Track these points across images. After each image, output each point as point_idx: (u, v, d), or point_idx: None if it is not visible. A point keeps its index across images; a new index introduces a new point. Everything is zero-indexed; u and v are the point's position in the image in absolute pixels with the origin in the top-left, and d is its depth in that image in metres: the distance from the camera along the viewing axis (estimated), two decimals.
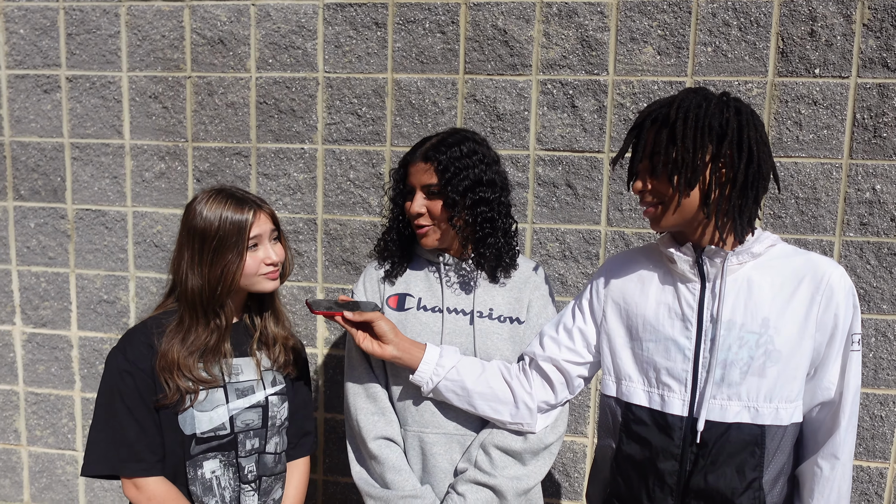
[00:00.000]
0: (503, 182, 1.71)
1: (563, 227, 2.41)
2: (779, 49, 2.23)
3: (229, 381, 1.62)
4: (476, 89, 2.40)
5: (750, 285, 1.41)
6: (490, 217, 1.65)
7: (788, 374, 1.38)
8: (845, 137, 2.23)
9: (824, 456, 1.41)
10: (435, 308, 1.71)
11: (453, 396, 1.61)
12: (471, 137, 1.68)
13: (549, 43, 2.34)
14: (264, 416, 1.66)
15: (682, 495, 1.44)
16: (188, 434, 1.55)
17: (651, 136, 1.38)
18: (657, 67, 2.29)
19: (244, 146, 2.55)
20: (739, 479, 1.39)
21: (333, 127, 2.49)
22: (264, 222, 1.61)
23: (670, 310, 1.45)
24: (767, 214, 2.29)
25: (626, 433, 1.50)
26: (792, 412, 1.40)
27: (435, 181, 1.62)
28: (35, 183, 2.70)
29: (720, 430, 1.40)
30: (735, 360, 1.39)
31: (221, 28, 2.51)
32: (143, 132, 2.61)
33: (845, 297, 1.38)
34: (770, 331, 1.38)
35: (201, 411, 1.56)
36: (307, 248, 2.56)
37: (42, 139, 2.67)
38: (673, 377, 1.44)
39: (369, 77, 2.45)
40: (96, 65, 2.60)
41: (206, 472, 1.58)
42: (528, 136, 2.39)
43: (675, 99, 1.38)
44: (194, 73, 2.55)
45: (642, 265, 1.55)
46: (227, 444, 1.60)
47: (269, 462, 1.68)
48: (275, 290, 1.67)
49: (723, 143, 1.33)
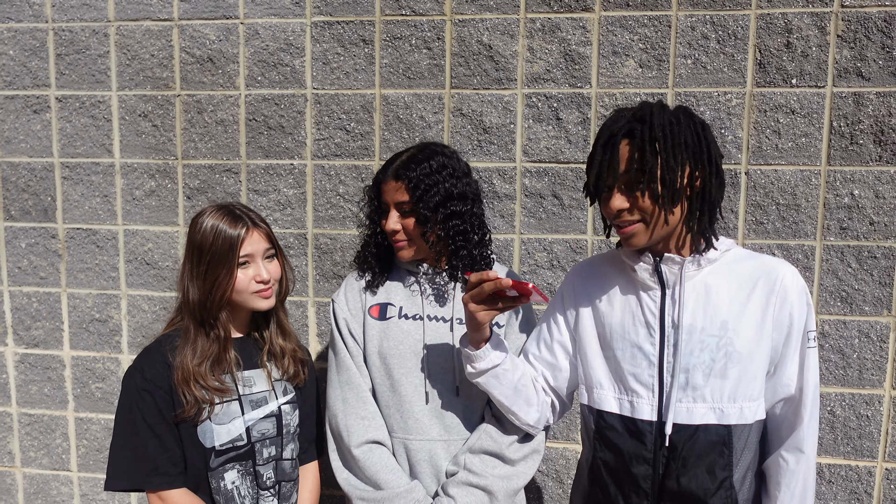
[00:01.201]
0: (475, 193, 1.74)
1: (551, 237, 2.45)
2: (756, 60, 2.29)
3: (243, 394, 1.67)
4: (462, 103, 2.44)
5: (708, 290, 1.45)
6: (462, 230, 1.69)
7: (749, 374, 1.43)
8: (823, 145, 2.29)
9: (789, 449, 1.46)
10: (416, 316, 1.74)
11: (496, 384, 1.58)
12: (440, 151, 1.71)
13: (533, 57, 2.39)
14: (279, 425, 1.72)
15: (657, 499, 1.47)
16: (208, 447, 1.60)
17: (628, 152, 1.39)
18: (639, 80, 2.35)
19: (234, 163, 2.58)
20: (711, 479, 1.43)
21: (322, 142, 2.53)
22: (257, 241, 1.64)
23: (634, 317, 1.49)
24: (750, 221, 2.34)
25: (600, 440, 1.54)
26: (755, 410, 1.44)
27: (407, 199, 1.66)
28: (25, 203, 2.71)
29: (689, 432, 1.43)
30: (697, 364, 1.43)
31: (210, 47, 2.54)
32: (133, 150, 2.63)
33: (799, 296, 1.43)
34: (729, 333, 1.42)
35: (219, 424, 1.62)
36: (297, 263, 2.58)
37: (32, 159, 2.68)
38: (640, 383, 1.48)
39: (357, 93, 2.49)
40: (86, 84, 2.62)
41: (227, 483, 1.63)
42: (515, 148, 2.43)
43: (648, 114, 1.39)
44: (184, 92, 2.57)
45: (606, 274, 1.58)
46: (245, 453, 1.65)
47: (287, 468, 1.74)
48: (270, 308, 1.71)
49: (698, 160, 1.38)
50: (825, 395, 2.38)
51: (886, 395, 2.35)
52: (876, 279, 2.31)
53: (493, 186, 2.45)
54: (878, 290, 2.31)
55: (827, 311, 2.35)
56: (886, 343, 2.33)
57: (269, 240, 1.68)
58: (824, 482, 2.41)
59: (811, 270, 2.34)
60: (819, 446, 2.39)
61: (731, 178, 2.33)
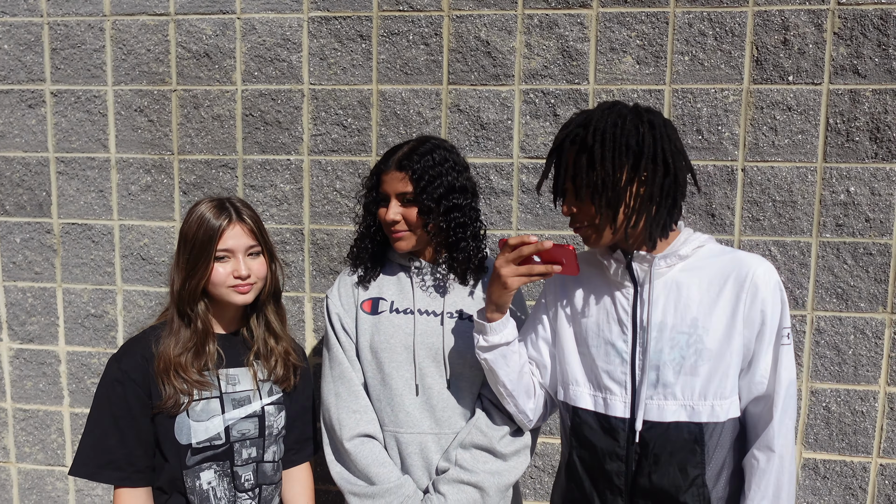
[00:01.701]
0: (473, 188, 1.77)
1: (548, 234, 2.45)
2: (753, 57, 2.30)
3: (226, 392, 1.64)
4: (460, 99, 2.44)
5: (679, 287, 1.44)
6: (463, 222, 1.71)
7: (720, 372, 1.42)
8: (819, 142, 2.30)
9: (760, 448, 1.44)
10: (407, 310, 1.76)
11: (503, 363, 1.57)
12: (441, 145, 1.73)
13: (530, 53, 2.39)
14: (261, 426, 1.67)
15: (630, 496, 1.47)
16: (184, 444, 1.57)
17: (571, 159, 1.41)
18: (636, 76, 2.35)
19: (230, 158, 2.57)
20: (682, 476, 1.43)
21: (319, 138, 2.52)
22: (239, 235, 1.62)
23: (609, 314, 1.50)
24: (746, 217, 2.35)
25: (575, 437, 1.54)
26: (727, 408, 1.43)
27: (410, 189, 1.66)
28: (20, 198, 2.69)
29: (660, 429, 1.44)
30: (668, 361, 1.43)
31: (207, 42, 2.53)
32: (129, 146, 2.62)
33: (771, 292, 1.41)
34: (699, 330, 1.42)
35: (196, 421, 1.58)
36: (294, 259, 2.58)
37: (27, 154, 2.67)
38: (613, 380, 1.48)
39: (354, 88, 2.48)
40: (81, 79, 2.61)
41: (202, 483, 1.60)
42: (512, 144, 2.43)
43: (590, 119, 1.40)
44: (180, 87, 2.56)
45: (585, 271, 1.59)
46: (223, 453, 1.61)
47: (268, 470, 1.69)
48: (244, 304, 1.67)
49: (640, 160, 1.37)
50: (821, 391, 2.39)
51: (881, 391, 2.36)
52: (871, 276, 2.32)
53: (491, 182, 2.45)
54: (874, 286, 2.32)
55: (822, 308, 2.36)
56: (882, 339, 2.34)
57: (254, 236, 1.65)
58: (819, 478, 2.42)
59: (807, 267, 2.34)
60: (814, 442, 2.41)
61: (728, 174, 2.34)
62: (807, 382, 2.39)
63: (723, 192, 2.35)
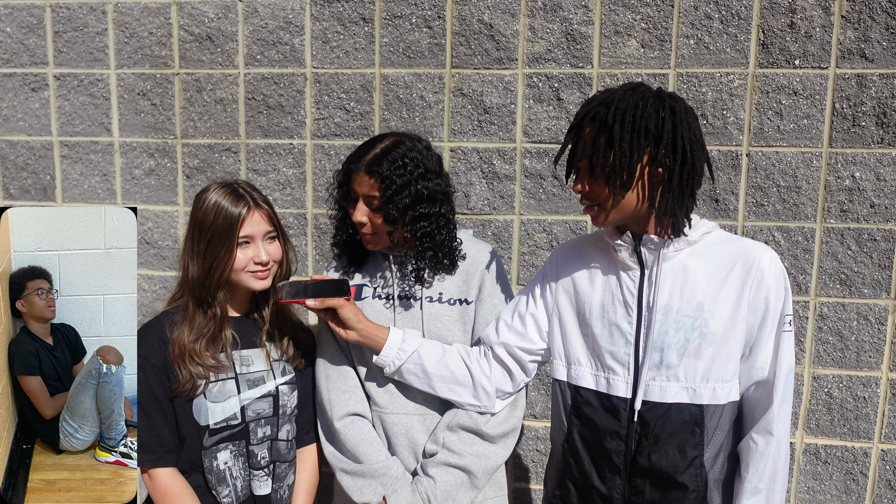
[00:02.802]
0: (444, 193, 1.74)
1: (551, 218, 2.45)
2: (760, 41, 2.27)
3: (240, 373, 1.67)
4: (463, 83, 2.42)
5: (686, 271, 1.46)
6: (429, 232, 1.70)
7: (723, 356, 1.45)
8: (825, 126, 2.28)
9: (759, 431, 1.47)
10: (388, 296, 1.78)
11: (414, 378, 1.67)
12: (414, 147, 1.70)
13: (534, 37, 2.37)
14: (275, 405, 1.71)
15: (628, 474, 1.50)
16: (202, 425, 1.61)
17: (590, 138, 1.41)
18: (641, 60, 2.33)
19: (233, 142, 2.57)
20: (681, 457, 1.46)
21: (322, 122, 2.52)
22: (258, 222, 1.63)
23: (614, 296, 1.52)
24: (750, 203, 2.34)
25: (576, 415, 1.56)
26: (728, 391, 1.46)
27: (377, 195, 1.66)
28: (25, 182, 2.70)
29: (661, 410, 1.46)
30: (672, 343, 1.45)
31: (209, 25, 2.52)
32: (132, 129, 2.62)
33: (776, 280, 1.44)
34: (704, 314, 1.44)
35: (214, 402, 1.62)
36: (297, 243, 2.59)
37: (31, 138, 2.68)
38: (617, 361, 1.50)
39: (357, 72, 2.47)
40: (84, 62, 2.61)
41: (219, 464, 1.64)
42: (515, 128, 2.42)
43: (612, 98, 1.40)
44: (182, 70, 2.56)
45: (590, 253, 1.60)
46: (238, 433, 1.65)
47: (282, 448, 1.73)
48: (264, 288, 1.69)
49: (659, 145, 1.37)
50: (823, 376, 2.39)
51: (884, 377, 2.36)
52: (875, 262, 2.31)
53: (493, 167, 2.44)
54: (878, 272, 2.32)
55: (826, 294, 2.35)
56: (885, 325, 2.34)
57: (271, 221, 1.67)
58: (820, 463, 2.43)
59: (811, 253, 2.34)
60: (816, 427, 2.41)
61: (732, 159, 2.33)
62: (809, 368, 2.39)
63: (727, 177, 2.34)
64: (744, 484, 1.48)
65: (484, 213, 2.48)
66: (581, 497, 1.57)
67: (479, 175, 2.45)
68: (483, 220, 2.48)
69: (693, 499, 1.47)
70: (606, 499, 1.52)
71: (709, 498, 1.49)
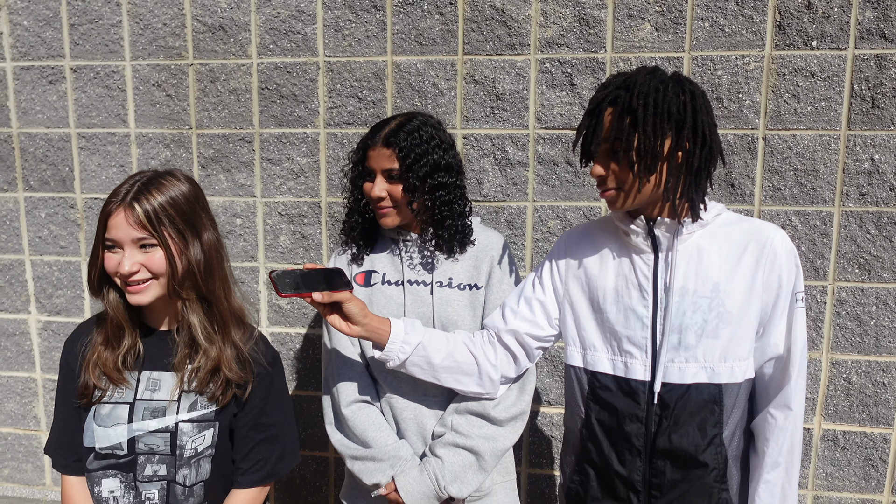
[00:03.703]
0: (458, 166, 1.77)
1: (564, 205, 2.44)
2: (776, 22, 2.24)
3: (141, 398, 1.45)
4: (475, 69, 2.41)
5: (700, 253, 1.48)
6: (447, 200, 1.72)
7: (740, 334, 1.46)
8: (843, 109, 2.24)
9: (777, 406, 1.50)
10: (398, 282, 1.79)
11: (418, 370, 1.66)
12: (428, 122, 1.74)
13: (546, 22, 2.35)
14: (172, 444, 1.45)
15: (649, 456, 1.51)
16: (87, 447, 1.45)
17: (610, 121, 1.41)
18: (655, 44, 2.30)
19: (247, 132, 2.58)
20: (701, 436, 1.47)
21: (335, 111, 2.52)
22: (123, 226, 1.35)
23: (627, 280, 1.52)
24: (766, 187, 2.31)
25: (594, 400, 1.57)
26: (745, 369, 1.48)
27: (396, 166, 1.68)
28: (44, 173, 2.74)
29: (680, 391, 1.47)
30: (690, 325, 1.46)
31: (222, 15, 2.53)
32: (148, 120, 2.64)
33: (787, 258, 1.46)
34: (721, 295, 1.46)
35: (100, 426, 1.43)
36: (312, 231, 2.60)
37: (49, 130, 2.71)
38: (634, 344, 1.51)
39: (369, 60, 2.47)
40: (100, 54, 2.63)
41: (103, 491, 1.46)
42: (528, 114, 2.41)
43: (633, 82, 1.40)
44: (196, 61, 2.57)
45: (599, 238, 1.61)
46: (126, 464, 1.45)
47: (178, 494, 1.47)
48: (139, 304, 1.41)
49: (682, 130, 1.39)
50: (841, 362, 2.36)
51: None
52: (895, 246, 2.28)
53: (506, 153, 2.43)
54: None
55: (844, 278, 2.32)
56: None
57: (145, 227, 1.35)
58: (839, 449, 2.41)
59: (829, 237, 2.31)
60: (834, 413, 2.39)
61: (748, 143, 2.30)
62: (827, 353, 2.37)
63: (743, 161, 2.31)
64: (764, 459, 1.51)
65: (497, 200, 2.47)
66: (601, 481, 1.58)
67: (492, 162, 2.45)
68: (496, 207, 2.47)
69: (714, 476, 1.49)
70: (627, 481, 1.53)
71: (728, 474, 1.51)
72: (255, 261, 2.66)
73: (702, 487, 1.49)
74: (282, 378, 1.59)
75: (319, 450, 2.75)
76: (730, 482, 1.51)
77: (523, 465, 2.61)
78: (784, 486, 1.51)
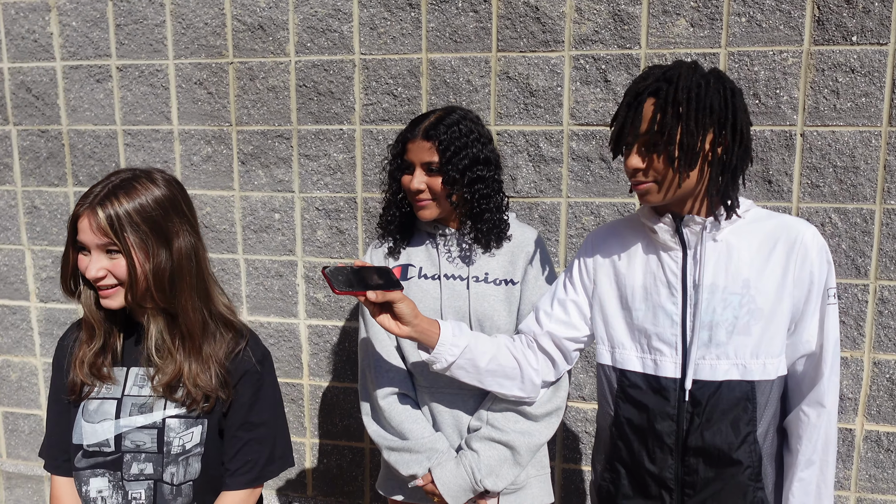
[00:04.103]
0: (497, 161, 1.78)
1: (598, 201, 2.43)
2: (815, 17, 2.20)
3: (129, 393, 1.43)
4: (509, 66, 2.42)
5: (729, 249, 1.47)
6: (486, 194, 1.73)
7: (771, 331, 1.45)
8: (884, 105, 2.19)
9: (810, 403, 1.49)
10: (434, 276, 1.80)
11: (463, 373, 1.63)
12: (467, 116, 1.75)
13: (581, 18, 2.35)
14: (160, 440, 1.41)
15: (681, 454, 1.50)
16: (75, 444, 1.43)
17: (651, 113, 1.39)
18: (690, 40, 2.28)
19: (285, 128, 2.64)
20: (735, 433, 1.46)
21: (370, 107, 2.56)
22: (88, 230, 1.32)
23: (656, 278, 1.51)
24: (805, 184, 2.27)
25: (623, 398, 1.57)
26: (778, 366, 1.47)
27: (436, 159, 1.69)
28: (92, 169, 2.84)
29: (712, 388, 1.46)
30: (721, 321, 1.45)
31: (261, 14, 2.58)
32: (190, 118, 2.71)
33: (818, 254, 1.45)
34: (751, 291, 1.44)
35: (88, 422, 1.41)
36: (348, 227, 2.64)
37: (97, 127, 2.80)
38: (663, 342, 1.50)
39: (404, 58, 2.50)
40: (144, 54, 2.71)
41: (91, 491, 1.43)
42: (562, 111, 2.41)
43: (676, 75, 1.39)
44: (236, 59, 2.63)
45: (626, 236, 1.60)
46: (112, 462, 1.42)
47: (166, 493, 1.43)
48: (112, 309, 1.38)
49: (723, 126, 1.38)
50: (884, 362, 2.32)
51: None
52: None
53: (540, 150, 2.44)
54: None
55: (886, 277, 2.28)
56: None
57: (107, 234, 1.31)
58: (882, 450, 2.37)
59: (870, 235, 2.26)
60: (877, 414, 2.35)
61: (786, 139, 2.27)
62: (869, 353, 2.33)
63: (780, 157, 2.28)
64: (797, 457, 1.50)
65: (531, 196, 2.48)
66: (632, 479, 1.58)
67: (526, 158, 2.46)
68: (530, 203, 2.49)
69: (749, 475, 1.48)
70: (658, 479, 1.53)
71: (763, 472, 1.50)
72: (293, 255, 2.71)
73: (736, 486, 1.48)
74: (272, 377, 1.54)
75: (356, 440, 2.80)
76: (765, 480, 1.50)
77: (557, 460, 2.62)
78: (819, 484, 1.50)
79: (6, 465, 3.16)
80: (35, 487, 3.13)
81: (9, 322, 3.04)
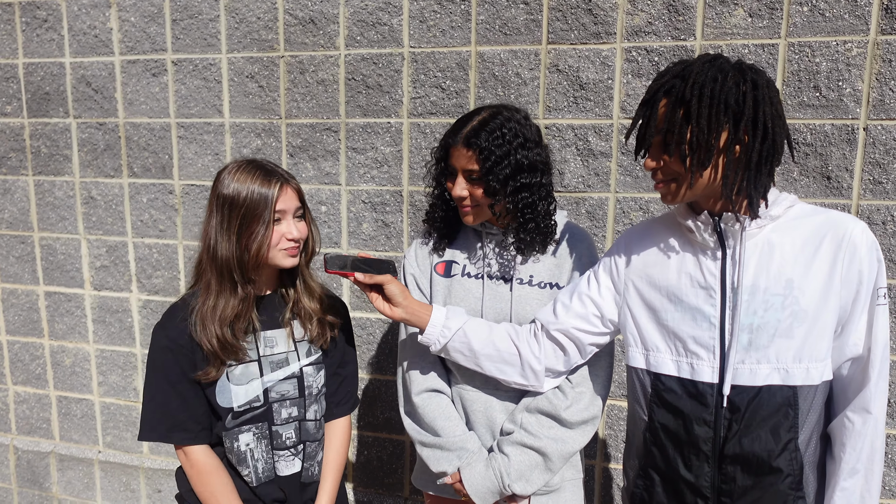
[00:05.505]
0: (545, 163, 1.70)
1: (647, 196, 2.38)
2: (882, 5, 2.10)
3: (264, 354, 1.66)
4: (559, 59, 2.39)
5: (771, 248, 1.39)
6: (531, 202, 1.66)
7: (816, 334, 1.37)
8: None
9: (855, 409, 1.40)
10: (477, 275, 1.77)
11: (461, 357, 1.66)
12: (513, 118, 1.66)
13: (634, 9, 2.30)
14: (300, 386, 1.70)
15: (718, 461, 1.44)
16: (226, 407, 1.61)
17: (664, 112, 1.35)
18: (748, 30, 2.21)
19: (334, 122, 2.65)
20: (775, 440, 1.39)
21: (418, 101, 2.55)
22: (290, 198, 1.60)
23: (692, 279, 1.45)
24: (866, 180, 2.18)
25: (658, 403, 1.51)
26: (822, 371, 1.38)
27: (476, 168, 1.63)
28: (146, 161, 2.90)
29: (751, 393, 1.39)
30: (762, 324, 1.38)
31: (312, 8, 2.60)
32: (241, 111, 2.75)
33: (868, 252, 1.36)
34: (795, 292, 1.37)
35: (237, 385, 1.62)
36: (394, 220, 2.64)
37: (151, 120, 2.87)
38: (700, 345, 1.44)
39: (453, 50, 2.49)
40: (198, 48, 2.76)
41: (241, 445, 1.64)
42: (612, 104, 2.36)
43: (689, 71, 1.33)
44: (287, 53, 2.66)
45: (661, 236, 1.54)
46: (261, 415, 1.65)
47: (311, 428, 1.72)
48: (293, 266, 1.66)
49: (739, 122, 1.30)
50: None
51: None
52: None
53: (589, 144, 2.40)
54: None
55: None
56: None
57: (300, 198, 1.65)
58: None
59: None
60: None
61: (847, 133, 2.17)
62: None
63: (840, 152, 2.19)
64: (840, 465, 1.42)
65: (578, 191, 2.44)
66: (666, 486, 1.52)
67: (574, 152, 2.42)
68: (577, 198, 2.44)
69: (789, 483, 1.41)
70: (694, 488, 1.47)
71: (804, 481, 1.43)
72: (339, 247, 2.73)
73: (775, 494, 1.41)
74: (350, 323, 1.90)
75: (397, 433, 2.79)
76: (806, 489, 1.43)
77: (597, 459, 2.57)
78: (863, 494, 1.42)
79: (59, 448, 3.26)
80: (86, 470, 3.22)
81: (64, 309, 3.13)
